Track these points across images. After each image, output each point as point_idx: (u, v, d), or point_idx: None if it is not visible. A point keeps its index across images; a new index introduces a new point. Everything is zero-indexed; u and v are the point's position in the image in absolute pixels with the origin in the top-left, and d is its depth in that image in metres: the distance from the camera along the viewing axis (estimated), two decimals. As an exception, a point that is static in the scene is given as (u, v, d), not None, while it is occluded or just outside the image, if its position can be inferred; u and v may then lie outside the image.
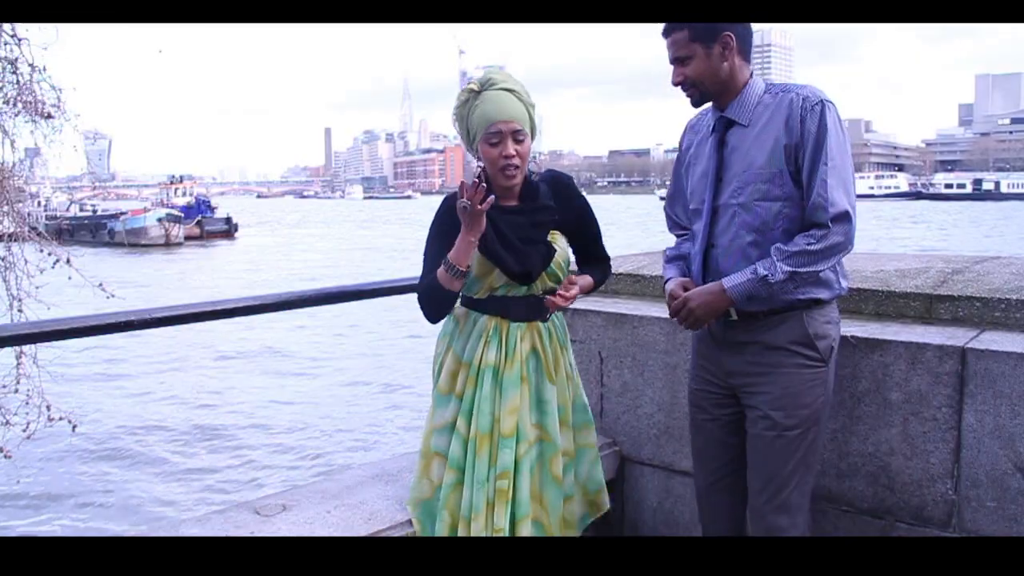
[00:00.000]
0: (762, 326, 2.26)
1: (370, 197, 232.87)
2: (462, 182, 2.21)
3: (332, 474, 3.17)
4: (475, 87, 2.32)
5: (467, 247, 2.24)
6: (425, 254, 2.38)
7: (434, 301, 2.33)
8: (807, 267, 2.16)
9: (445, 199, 2.41)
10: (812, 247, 2.14)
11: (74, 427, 6.22)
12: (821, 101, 2.18)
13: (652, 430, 3.14)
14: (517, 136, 2.31)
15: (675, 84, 2.29)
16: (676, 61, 2.27)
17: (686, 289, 2.33)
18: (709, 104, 2.36)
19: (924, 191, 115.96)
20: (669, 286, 2.39)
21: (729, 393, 2.38)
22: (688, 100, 2.33)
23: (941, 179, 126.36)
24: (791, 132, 2.18)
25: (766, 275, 2.16)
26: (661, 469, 3.12)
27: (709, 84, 2.27)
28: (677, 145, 2.57)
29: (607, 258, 2.60)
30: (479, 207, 2.18)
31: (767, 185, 2.21)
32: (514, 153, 2.30)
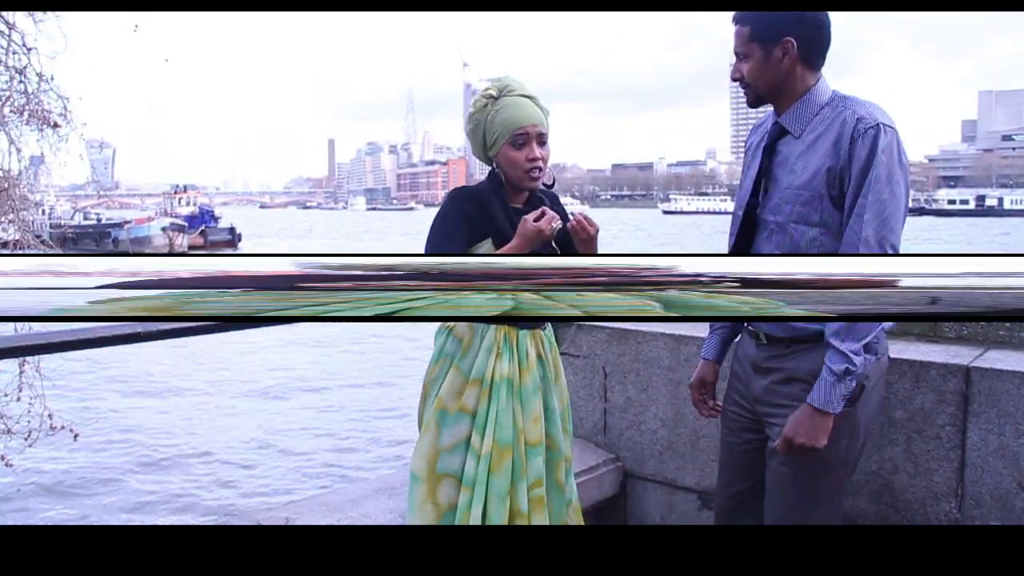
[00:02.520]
0: (786, 354, 2.13)
1: (373, 208, 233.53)
2: (543, 208, 2.25)
3: (336, 487, 3.16)
4: (494, 92, 2.33)
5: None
6: (439, 245, 2.32)
7: None
8: (869, 331, 2.00)
9: (462, 188, 2.42)
10: None
11: (75, 436, 6.22)
12: (877, 124, 1.99)
13: (656, 446, 3.14)
14: (541, 139, 2.33)
15: (733, 79, 2.18)
16: (736, 55, 2.16)
17: (704, 383, 2.42)
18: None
19: (927, 207, 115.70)
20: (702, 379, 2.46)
21: (755, 419, 2.26)
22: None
23: (944, 195, 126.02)
24: (838, 154, 2.01)
25: (845, 367, 1.98)
26: (664, 485, 3.12)
27: (763, 87, 2.13)
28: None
29: None
30: (555, 228, 2.23)
31: (805, 208, 2.07)
32: (539, 156, 2.32)
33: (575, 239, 2.33)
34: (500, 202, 2.34)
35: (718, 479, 2.46)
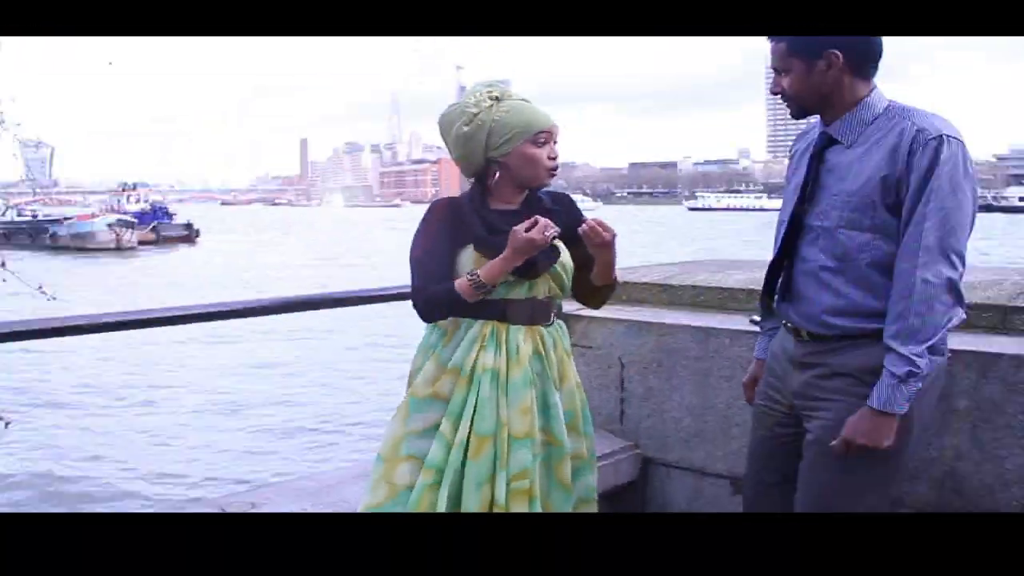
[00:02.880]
0: (831, 349, 2.20)
1: (353, 206, 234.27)
2: (535, 217, 2.31)
3: (311, 473, 3.08)
4: (496, 95, 2.46)
5: (506, 268, 2.35)
6: (423, 256, 2.44)
7: (444, 309, 2.41)
8: (933, 332, 2.02)
9: (441, 202, 2.53)
10: (915, 316, 2.02)
11: (7, 424, 6.21)
12: (940, 136, 2.05)
13: (680, 433, 3.24)
14: (555, 139, 2.48)
15: (772, 93, 2.27)
16: (775, 71, 2.24)
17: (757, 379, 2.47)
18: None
19: (994, 204, 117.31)
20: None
21: (791, 413, 2.31)
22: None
23: (1015, 192, 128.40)
24: (894, 163, 2.08)
25: (908, 370, 2.02)
26: (691, 471, 3.22)
27: (807, 100, 2.22)
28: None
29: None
30: (548, 236, 2.30)
31: (855, 214, 2.14)
32: (557, 155, 2.48)
33: (588, 245, 2.40)
34: (477, 208, 2.45)
35: (747, 469, 2.53)
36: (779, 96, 2.25)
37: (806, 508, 2.24)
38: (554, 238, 2.31)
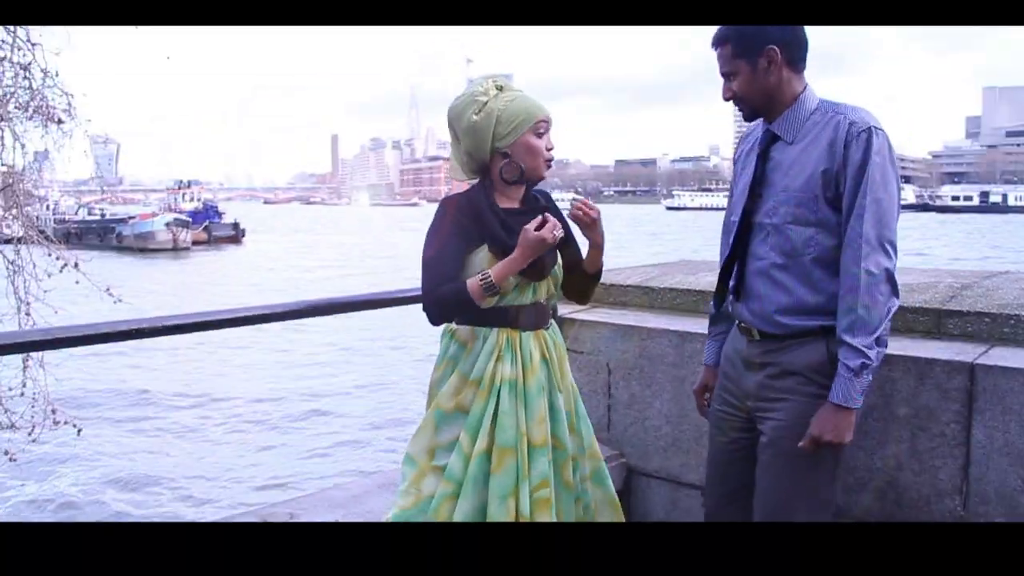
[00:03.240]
0: (781, 348, 2.18)
1: (377, 204, 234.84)
2: (544, 216, 2.26)
3: (339, 483, 3.16)
4: (500, 84, 2.38)
5: (515, 269, 2.28)
6: (435, 257, 2.32)
7: (453, 310, 2.32)
8: (878, 322, 2.05)
9: (453, 199, 2.39)
10: (862, 308, 2.03)
11: (79, 431, 6.23)
12: (869, 128, 2.07)
13: (659, 442, 3.13)
14: (549, 131, 2.40)
15: (725, 99, 2.24)
16: (723, 76, 2.21)
17: (708, 388, 2.46)
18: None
19: (931, 203, 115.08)
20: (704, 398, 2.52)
21: (747, 417, 2.30)
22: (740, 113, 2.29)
23: (948, 191, 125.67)
24: (833, 157, 2.09)
25: (861, 362, 2.03)
26: (668, 481, 3.11)
27: (757, 100, 2.20)
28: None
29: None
30: (557, 236, 2.26)
31: (800, 209, 2.13)
32: (553, 145, 2.40)
33: (580, 227, 2.38)
34: (491, 206, 2.35)
35: (708, 477, 2.48)
36: (731, 100, 2.22)
37: (763, 512, 2.22)
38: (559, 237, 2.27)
